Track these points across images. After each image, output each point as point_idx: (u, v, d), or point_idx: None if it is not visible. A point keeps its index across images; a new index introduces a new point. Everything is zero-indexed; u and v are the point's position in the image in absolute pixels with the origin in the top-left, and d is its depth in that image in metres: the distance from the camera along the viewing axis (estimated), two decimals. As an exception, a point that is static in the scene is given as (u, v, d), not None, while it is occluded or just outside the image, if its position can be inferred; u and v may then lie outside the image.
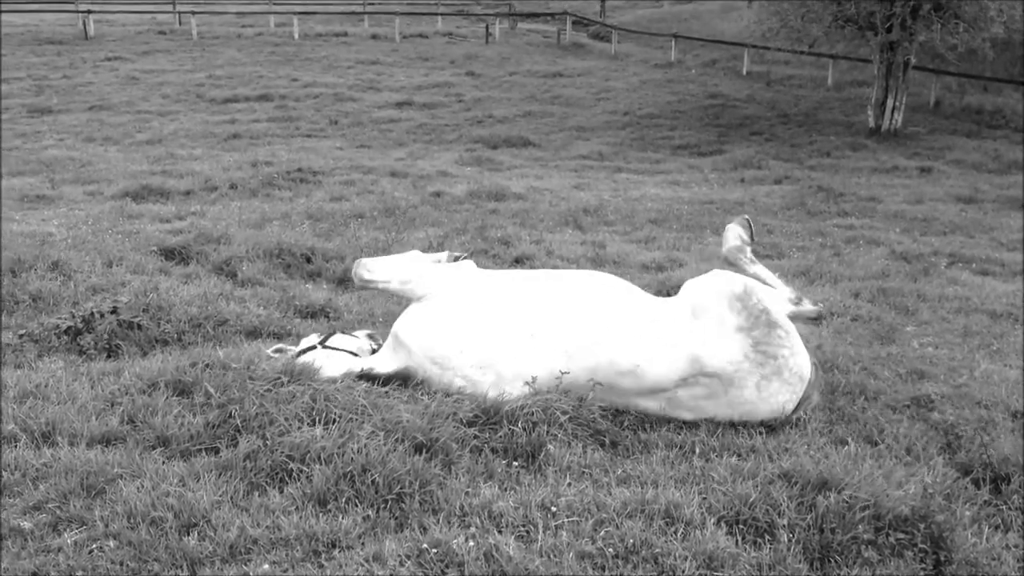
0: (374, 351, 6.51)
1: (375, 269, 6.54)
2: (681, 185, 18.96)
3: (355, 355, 6.33)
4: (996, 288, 10.62)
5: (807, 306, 6.35)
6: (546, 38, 48.24)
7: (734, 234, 6.93)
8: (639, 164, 22.00)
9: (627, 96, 31.60)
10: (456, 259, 6.84)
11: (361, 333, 6.83)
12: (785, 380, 5.82)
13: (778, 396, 5.82)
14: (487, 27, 46.77)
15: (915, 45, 24.59)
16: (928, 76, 28.97)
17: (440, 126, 26.65)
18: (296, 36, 43.71)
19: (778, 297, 6.23)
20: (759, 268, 6.72)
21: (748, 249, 6.88)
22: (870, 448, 5.41)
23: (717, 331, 5.83)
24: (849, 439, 5.51)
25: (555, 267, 10.74)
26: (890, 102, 25.36)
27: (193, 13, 44.40)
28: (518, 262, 10.80)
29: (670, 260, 11.37)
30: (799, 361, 5.90)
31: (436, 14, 51.18)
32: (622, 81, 34.70)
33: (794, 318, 6.21)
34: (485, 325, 5.96)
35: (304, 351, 6.29)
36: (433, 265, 6.60)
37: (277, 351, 6.44)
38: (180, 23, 46.03)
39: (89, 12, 42.84)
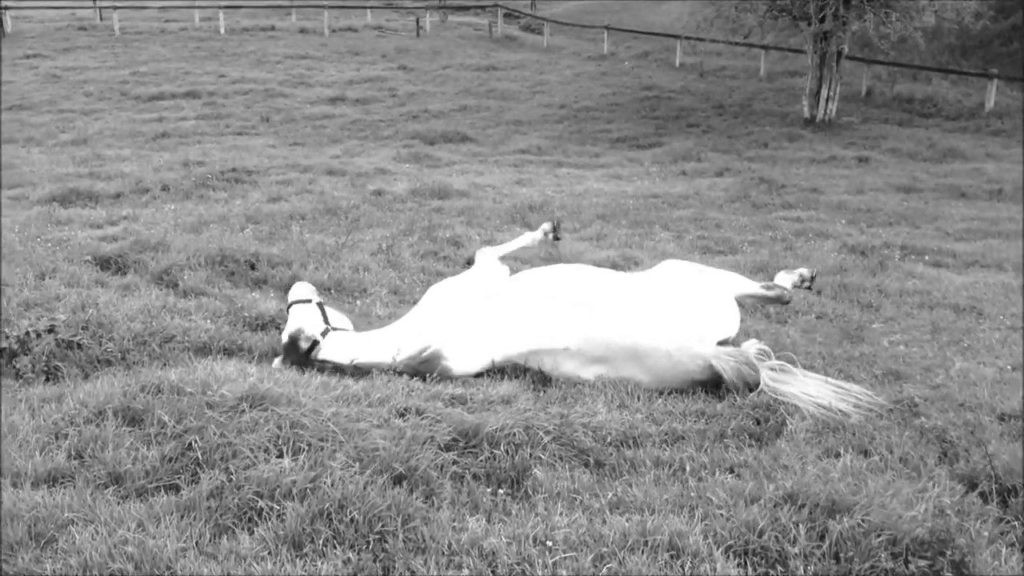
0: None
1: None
2: (623, 179, 18.78)
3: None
4: (954, 281, 10.56)
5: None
6: (477, 31, 47.91)
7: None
8: (579, 158, 21.79)
9: (562, 89, 31.40)
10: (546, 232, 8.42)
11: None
12: None
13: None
14: (417, 20, 46.32)
15: (848, 35, 24.76)
16: (859, 65, 29.26)
17: (375, 122, 26.17)
18: (222, 31, 42.81)
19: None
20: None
21: None
22: (864, 459, 5.18)
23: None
24: (841, 450, 5.28)
25: (510, 268, 10.41)
26: (824, 92, 25.53)
27: (114, 8, 43.15)
28: (470, 264, 10.44)
29: (625, 258, 11.08)
30: None
31: (365, 7, 50.53)
32: (556, 74, 34.50)
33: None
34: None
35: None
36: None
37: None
38: (101, 19, 44.71)
39: (6, 8, 41.34)
